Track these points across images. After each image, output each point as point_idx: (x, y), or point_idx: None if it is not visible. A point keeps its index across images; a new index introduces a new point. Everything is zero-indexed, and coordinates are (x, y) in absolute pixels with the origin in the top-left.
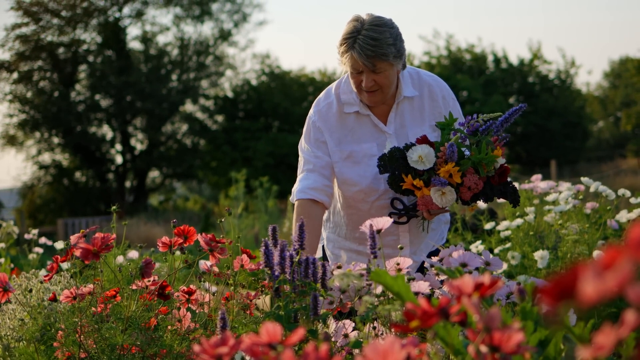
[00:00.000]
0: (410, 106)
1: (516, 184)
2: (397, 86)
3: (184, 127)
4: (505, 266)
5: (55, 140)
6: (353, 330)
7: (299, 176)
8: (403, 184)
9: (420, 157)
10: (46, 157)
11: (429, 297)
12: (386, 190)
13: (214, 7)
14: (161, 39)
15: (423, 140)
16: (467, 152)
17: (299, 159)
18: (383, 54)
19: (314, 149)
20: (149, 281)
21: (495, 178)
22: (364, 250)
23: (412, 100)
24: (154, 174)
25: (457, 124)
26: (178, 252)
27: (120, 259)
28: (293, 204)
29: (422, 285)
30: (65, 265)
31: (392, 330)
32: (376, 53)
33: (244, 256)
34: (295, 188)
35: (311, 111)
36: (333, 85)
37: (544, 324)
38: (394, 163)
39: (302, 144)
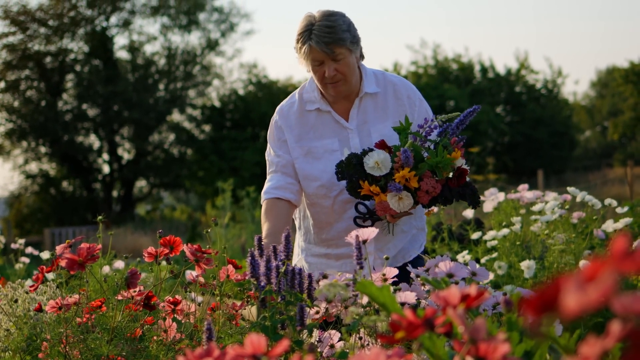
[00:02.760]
0: (374, 103)
1: (502, 194)
2: (360, 83)
3: (171, 137)
4: (491, 276)
5: (42, 149)
6: (339, 341)
7: (266, 179)
8: (361, 190)
9: (377, 162)
10: (33, 167)
11: (414, 307)
12: None
13: (202, 16)
14: (148, 49)
15: (381, 144)
16: (426, 155)
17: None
18: (340, 39)
19: (276, 150)
20: (134, 291)
21: (454, 180)
22: (332, 253)
23: (376, 97)
24: (141, 183)
25: (416, 126)
26: (164, 263)
27: (106, 269)
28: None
29: (408, 296)
30: (51, 276)
31: (378, 340)
32: (333, 39)
33: (230, 266)
34: (262, 192)
35: (275, 113)
36: (297, 89)
37: (527, 335)
38: (351, 169)
39: (267, 148)
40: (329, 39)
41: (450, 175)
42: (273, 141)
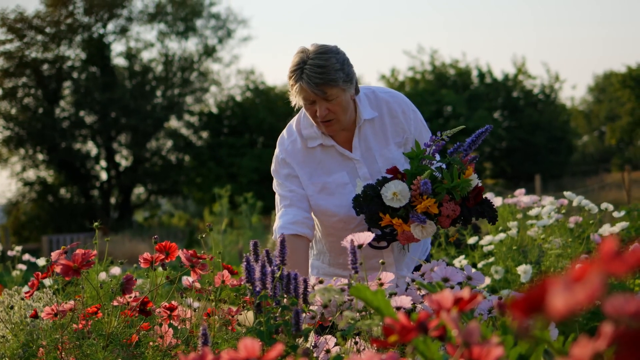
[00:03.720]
0: (372, 128)
1: (499, 199)
2: (356, 110)
3: (169, 143)
4: (488, 281)
5: (40, 156)
6: (335, 346)
7: (278, 214)
8: (381, 221)
9: (395, 194)
10: (31, 174)
11: (410, 312)
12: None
13: (199, 23)
14: (145, 55)
15: (393, 170)
16: (436, 174)
17: (276, 197)
18: (332, 80)
19: (287, 184)
20: (130, 297)
21: (471, 200)
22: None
23: (373, 122)
24: (138, 190)
25: (424, 145)
26: (160, 268)
27: (103, 275)
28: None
29: (404, 300)
30: (47, 282)
31: (372, 345)
32: (324, 80)
33: (225, 272)
34: (276, 225)
35: (277, 150)
36: (293, 121)
37: (515, 336)
38: (368, 203)
39: (275, 183)
40: (320, 79)
41: (467, 192)
42: (282, 176)
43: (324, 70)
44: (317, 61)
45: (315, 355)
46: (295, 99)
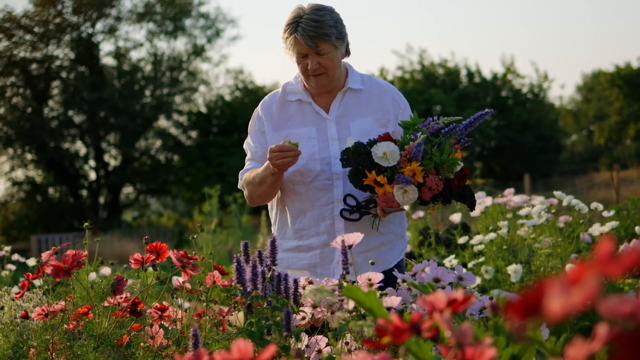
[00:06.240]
0: (356, 99)
1: (489, 199)
2: (345, 79)
3: (158, 143)
4: (478, 280)
5: (29, 156)
6: (326, 346)
7: (245, 168)
8: (365, 179)
9: (385, 153)
10: (19, 174)
11: (401, 312)
12: (322, 171)
13: (188, 22)
14: (134, 55)
15: (386, 137)
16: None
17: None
18: (325, 34)
19: (255, 141)
20: (121, 298)
21: (455, 181)
22: (302, 244)
23: (359, 94)
24: (127, 189)
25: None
26: (151, 269)
27: (93, 275)
28: (264, 217)
29: (394, 301)
30: (38, 282)
31: (365, 346)
32: (318, 34)
33: (216, 272)
34: (240, 176)
35: (258, 105)
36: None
37: (512, 339)
38: (357, 157)
39: (247, 139)
40: (315, 33)
41: (452, 175)
42: (253, 132)
43: (318, 24)
44: (313, 16)
45: (306, 355)
46: (289, 54)
